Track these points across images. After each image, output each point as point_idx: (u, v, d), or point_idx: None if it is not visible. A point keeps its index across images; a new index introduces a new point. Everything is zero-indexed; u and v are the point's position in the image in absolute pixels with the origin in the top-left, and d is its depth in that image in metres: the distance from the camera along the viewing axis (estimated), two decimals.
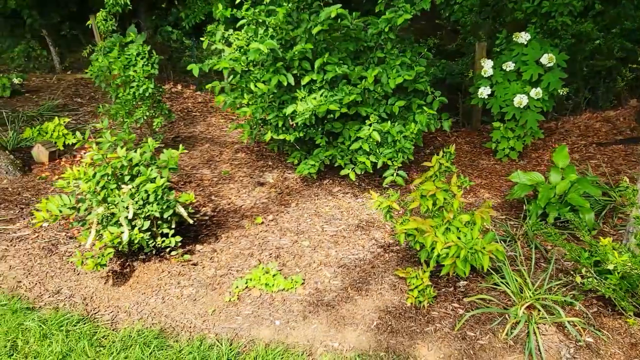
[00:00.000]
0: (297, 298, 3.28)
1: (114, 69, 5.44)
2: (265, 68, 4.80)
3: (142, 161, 3.49)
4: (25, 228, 4.23)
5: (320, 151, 5.01)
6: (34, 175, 5.27)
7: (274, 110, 4.85)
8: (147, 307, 3.27)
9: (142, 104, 5.69)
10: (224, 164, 5.92)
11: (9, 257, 3.81)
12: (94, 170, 3.56)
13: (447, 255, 2.86)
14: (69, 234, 4.17)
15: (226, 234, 4.20)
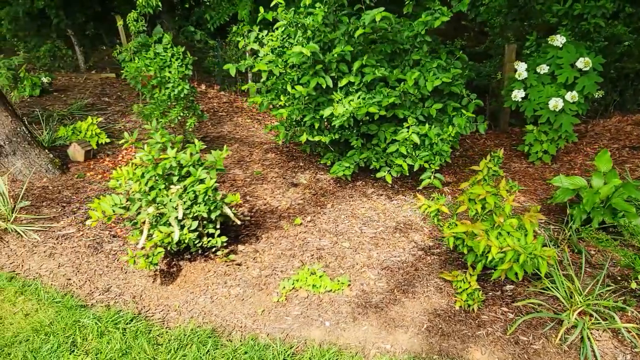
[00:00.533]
0: (345, 299, 3.31)
1: (150, 69, 5.50)
2: (302, 70, 4.84)
3: (191, 162, 3.54)
4: (70, 226, 4.31)
5: (355, 153, 5.04)
6: (71, 174, 5.36)
7: (310, 112, 4.89)
8: (196, 306, 3.33)
9: (177, 104, 5.75)
10: (255, 164, 5.97)
11: (57, 255, 3.89)
12: (141, 171, 3.62)
13: (501, 260, 2.87)
14: (112, 232, 4.24)
15: (266, 234, 4.25)
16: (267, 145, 6.77)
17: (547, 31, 7.02)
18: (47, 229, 4.25)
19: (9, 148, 4.92)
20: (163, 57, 5.65)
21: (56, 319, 3.12)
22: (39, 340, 2.90)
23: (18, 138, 4.98)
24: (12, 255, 3.90)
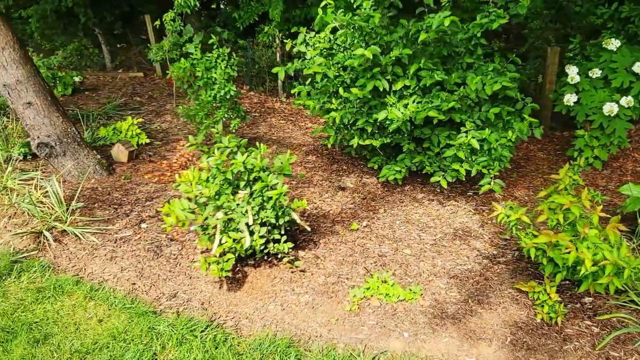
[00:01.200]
0: (419, 309, 3.25)
1: (198, 70, 5.46)
2: (354, 72, 4.77)
3: (260, 167, 3.49)
4: (125, 229, 4.28)
5: (406, 157, 4.98)
6: (117, 175, 5.33)
7: (363, 115, 4.82)
8: (267, 314, 3.28)
9: (222, 105, 5.71)
10: (298, 167, 5.92)
11: (118, 259, 3.86)
12: (207, 175, 3.58)
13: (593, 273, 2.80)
14: (169, 236, 4.20)
15: (323, 239, 4.19)
16: (306, 148, 6.72)
17: (589, 34, 6.91)
18: (103, 232, 4.21)
19: (59, 149, 4.90)
20: (209, 58, 5.60)
21: (130, 326, 3.08)
22: (119, 347, 2.86)
23: (68, 139, 4.95)
24: (73, 259, 3.87)
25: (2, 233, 4.19)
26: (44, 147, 4.86)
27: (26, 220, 4.36)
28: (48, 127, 4.80)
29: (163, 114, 7.82)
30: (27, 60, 4.62)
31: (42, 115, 4.74)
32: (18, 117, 4.74)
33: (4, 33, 4.40)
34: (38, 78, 4.69)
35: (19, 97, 4.61)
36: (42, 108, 4.72)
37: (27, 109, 4.67)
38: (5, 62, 4.45)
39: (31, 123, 4.75)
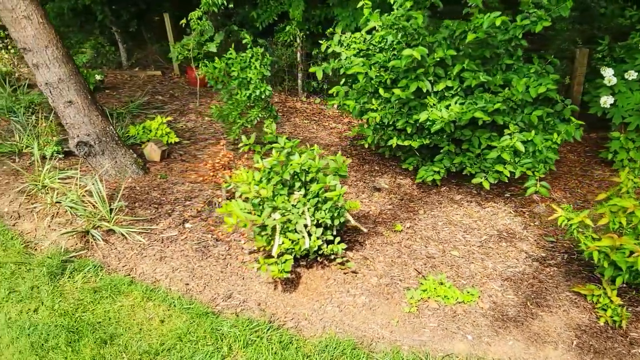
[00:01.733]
0: (479, 312, 3.25)
1: (233, 70, 5.44)
2: (394, 73, 4.77)
3: (317, 168, 3.48)
4: (170, 228, 4.27)
5: (444, 158, 4.97)
6: (153, 175, 5.31)
7: (403, 116, 4.82)
8: (326, 315, 3.27)
9: (255, 105, 5.69)
10: None
11: (167, 259, 3.85)
12: (260, 176, 3.57)
13: None
14: (214, 235, 4.19)
15: (368, 241, 4.19)
16: (334, 148, 6.71)
17: (617, 35, 6.91)
18: (148, 231, 4.20)
19: (98, 148, 4.89)
20: (243, 57, 5.58)
21: (192, 327, 3.07)
22: (187, 349, 2.86)
23: (107, 138, 4.94)
24: (123, 258, 3.86)
25: (48, 232, 4.18)
26: (83, 146, 4.85)
27: (69, 220, 4.35)
28: (88, 126, 4.79)
29: (187, 113, 7.81)
30: (68, 59, 4.60)
31: (82, 114, 4.72)
32: (58, 115, 4.73)
33: (47, 31, 4.38)
34: (79, 77, 4.67)
35: (60, 96, 4.60)
36: (82, 107, 4.71)
37: (67, 108, 4.66)
38: (48, 60, 4.43)
39: (71, 122, 4.73)
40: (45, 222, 4.33)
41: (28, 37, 4.31)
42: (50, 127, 5.71)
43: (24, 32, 4.29)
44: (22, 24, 4.25)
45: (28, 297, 3.26)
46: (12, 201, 4.71)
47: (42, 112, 6.61)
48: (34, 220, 4.36)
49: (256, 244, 3.44)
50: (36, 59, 4.41)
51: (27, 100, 7.47)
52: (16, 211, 4.53)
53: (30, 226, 4.29)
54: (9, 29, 4.34)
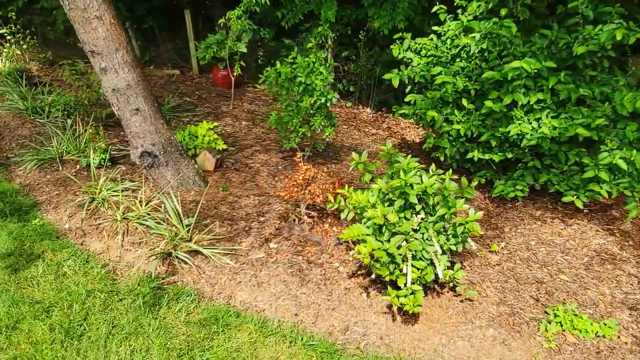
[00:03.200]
0: (625, 348, 3.05)
1: (300, 75, 5.13)
2: (479, 84, 4.55)
3: (450, 191, 3.22)
4: (254, 249, 3.96)
5: (525, 173, 4.78)
6: (214, 187, 4.98)
7: (487, 129, 4.60)
8: (458, 351, 3.03)
9: (317, 112, 5.40)
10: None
11: (264, 285, 3.54)
12: (376, 198, 3.30)
13: None
14: (303, 256, 3.90)
15: (466, 262, 3.96)
16: None
17: None
18: (233, 252, 3.89)
19: (163, 159, 4.53)
20: (307, 61, 5.27)
21: None
22: None
23: (171, 148, 4.59)
24: (216, 284, 3.54)
25: (123, 253, 3.83)
26: (147, 156, 4.49)
27: (143, 239, 4.00)
28: (153, 136, 4.43)
29: (222, 116, 7.45)
30: (137, 63, 4.24)
31: (148, 122, 4.37)
32: (123, 124, 4.35)
33: (118, 33, 4.02)
34: (146, 82, 4.31)
35: (127, 103, 4.23)
36: (149, 115, 4.35)
37: (134, 116, 4.29)
38: (118, 64, 4.06)
39: (136, 131, 4.37)
40: (117, 241, 3.97)
41: (98, 38, 3.93)
42: (97, 133, 5.31)
43: (94, 34, 3.91)
44: (94, 24, 3.88)
45: (132, 333, 2.92)
46: (72, 216, 4.33)
47: (78, 115, 6.18)
48: (104, 239, 4.00)
49: (381, 272, 3.15)
50: (105, 62, 4.03)
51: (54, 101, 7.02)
52: (79, 228, 4.15)
53: (100, 246, 3.93)
54: (77, 30, 3.95)
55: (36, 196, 4.72)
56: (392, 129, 7.83)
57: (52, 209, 4.48)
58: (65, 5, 3.86)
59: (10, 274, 3.43)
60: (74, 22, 3.90)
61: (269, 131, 7.03)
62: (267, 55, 10.14)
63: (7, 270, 3.46)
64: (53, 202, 4.58)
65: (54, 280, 3.39)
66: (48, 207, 4.52)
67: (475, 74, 4.63)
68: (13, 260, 3.56)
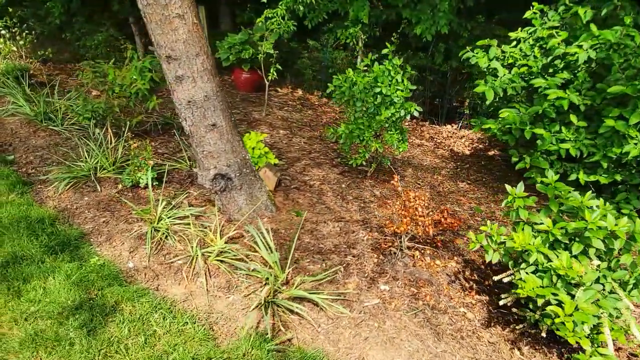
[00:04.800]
0: None
1: (380, 86, 4.56)
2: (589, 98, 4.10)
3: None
4: (363, 292, 3.37)
5: (630, 197, 4.36)
6: (285, 211, 4.35)
7: (599, 149, 4.15)
8: None
9: (392, 126, 4.84)
10: (462, 197, 5.17)
11: (396, 341, 2.96)
12: (546, 239, 2.77)
13: None
14: (424, 301, 3.34)
15: None
16: (445, 171, 5.97)
17: None
18: (342, 297, 3.29)
19: (237, 182, 3.89)
20: (381, 68, 4.70)
21: None
22: None
23: (246, 169, 3.95)
24: (339, 342, 2.93)
25: (211, 301, 3.17)
26: (220, 179, 3.83)
27: (230, 280, 3.35)
28: (229, 155, 3.78)
29: (256, 125, 6.80)
30: (216, 71, 3.58)
31: (224, 139, 3.71)
32: (195, 141, 3.68)
33: (199, 35, 3.35)
34: (223, 93, 3.66)
35: (203, 117, 3.57)
36: (226, 131, 3.70)
37: (209, 132, 3.63)
38: (197, 72, 3.40)
39: (210, 150, 3.71)
40: (199, 284, 3.31)
41: (178, 41, 3.26)
42: (144, 147, 4.59)
43: (173, 35, 3.24)
44: (174, 24, 3.20)
45: None
46: (133, 251, 3.64)
47: (109, 124, 5.43)
48: (182, 282, 3.33)
49: (561, 333, 2.62)
50: (182, 70, 3.36)
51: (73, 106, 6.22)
52: (148, 267, 3.47)
53: (181, 291, 3.26)
54: (151, 30, 3.27)
55: (80, 224, 3.99)
56: (435, 139, 7.34)
57: (105, 241, 3.77)
58: (140, 0, 3.17)
59: (87, 335, 2.74)
60: (150, 21, 3.22)
61: (310, 141, 6.44)
62: (285, 56, 9.51)
63: (82, 331, 2.76)
64: (103, 233, 3.87)
65: (145, 344, 2.72)
66: (99, 238, 3.80)
67: (585, 88, 4.17)
68: (85, 317, 2.87)
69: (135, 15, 9.78)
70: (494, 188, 5.52)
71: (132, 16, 9.79)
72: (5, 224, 3.81)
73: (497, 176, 5.92)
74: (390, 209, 4.66)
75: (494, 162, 6.49)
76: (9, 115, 6.48)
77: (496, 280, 3.08)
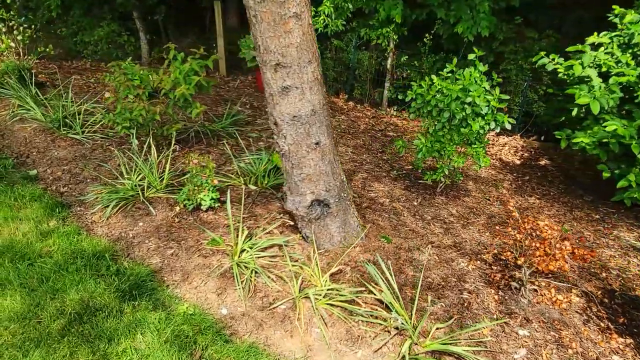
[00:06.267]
0: None
1: (471, 95, 4.10)
2: None
3: None
4: (500, 338, 2.91)
5: None
6: (369, 236, 3.85)
7: None
8: None
9: (478, 140, 4.39)
10: (537, 214, 4.79)
11: None
12: None
13: None
14: (572, 348, 2.91)
15: None
16: (506, 184, 5.59)
17: None
18: (481, 345, 2.82)
19: (335, 208, 3.36)
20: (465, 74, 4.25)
21: None
22: None
23: (344, 193, 3.43)
24: None
25: (337, 358, 2.65)
26: (316, 206, 3.30)
27: (350, 329, 2.83)
28: (329, 178, 3.25)
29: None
30: (323, 80, 3.04)
31: (326, 160, 3.18)
32: (292, 162, 3.13)
33: (312, 38, 2.81)
34: (327, 105, 3.12)
35: (306, 135, 3.03)
36: (328, 150, 3.17)
37: (312, 152, 3.09)
38: (306, 82, 2.86)
39: (309, 172, 3.17)
40: (315, 336, 2.78)
41: (290, 46, 2.71)
42: (205, 163, 3.98)
43: (286, 39, 2.69)
44: (289, 25, 2.65)
45: None
46: (221, 292, 3.07)
47: (153, 135, 4.80)
48: (295, 333, 2.79)
49: None
50: (291, 79, 2.81)
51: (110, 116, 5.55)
52: (246, 314, 2.91)
53: (295, 345, 2.72)
54: (260, 33, 2.70)
55: (144, 259, 3.39)
56: None
57: (183, 280, 3.18)
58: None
59: None
60: (260, 21, 2.66)
61: (357, 150, 5.96)
62: None
63: None
64: (177, 269, 3.28)
65: None
66: (174, 276, 3.21)
67: None
68: None
69: (141, 10, 9.04)
70: (566, 203, 5.16)
71: (136, 10, 9.04)
72: (60, 261, 3.18)
73: (562, 190, 5.57)
74: (479, 231, 4.22)
75: (549, 173, 6.14)
76: (16, 120, 5.74)
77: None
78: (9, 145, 5.25)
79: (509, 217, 4.62)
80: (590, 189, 5.42)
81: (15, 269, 3.06)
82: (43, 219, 3.72)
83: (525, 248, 3.20)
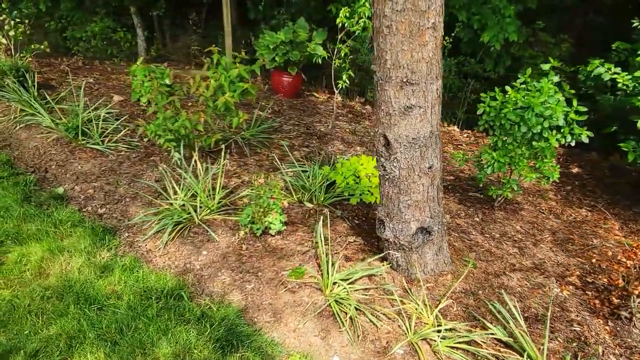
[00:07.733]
0: None
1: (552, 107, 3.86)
2: None
3: None
4: None
5: None
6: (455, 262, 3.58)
7: None
8: None
9: (550, 153, 4.17)
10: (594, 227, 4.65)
11: None
12: None
13: None
14: None
15: None
16: (551, 194, 5.44)
17: None
18: None
19: (437, 235, 3.06)
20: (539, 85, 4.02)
21: None
22: None
23: (444, 218, 3.13)
24: None
25: None
26: (419, 234, 2.99)
27: None
28: (434, 204, 2.95)
29: (327, 140, 5.91)
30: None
31: (434, 185, 2.88)
32: (401, 188, 2.80)
33: (439, 53, 2.49)
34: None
35: (421, 159, 2.71)
36: (438, 174, 2.86)
37: (423, 177, 2.78)
38: (430, 102, 2.54)
39: (417, 198, 2.85)
40: None
41: (422, 60, 2.38)
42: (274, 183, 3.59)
43: (420, 53, 2.36)
44: (425, 37, 2.32)
45: None
46: (325, 335, 2.72)
47: (193, 147, 4.35)
48: None
49: None
50: (415, 98, 2.49)
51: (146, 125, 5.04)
52: None
53: None
54: (391, 45, 2.36)
55: (223, 295, 2.99)
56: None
57: (275, 321, 2.81)
58: (387, 3, 2.26)
59: None
60: (394, 33, 2.31)
61: None
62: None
63: None
64: (265, 308, 2.90)
65: None
66: (264, 316, 2.84)
67: None
68: None
69: (138, 5, 8.43)
70: (617, 215, 5.04)
71: (133, 5, 8.43)
72: (132, 303, 2.75)
73: (608, 200, 5.46)
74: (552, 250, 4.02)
75: (587, 182, 6.03)
76: (22, 127, 5.15)
77: None
78: (21, 157, 4.70)
79: (571, 233, 4.46)
80: (632, 198, 5.34)
81: (85, 316, 2.61)
82: (93, 250, 3.25)
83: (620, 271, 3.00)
